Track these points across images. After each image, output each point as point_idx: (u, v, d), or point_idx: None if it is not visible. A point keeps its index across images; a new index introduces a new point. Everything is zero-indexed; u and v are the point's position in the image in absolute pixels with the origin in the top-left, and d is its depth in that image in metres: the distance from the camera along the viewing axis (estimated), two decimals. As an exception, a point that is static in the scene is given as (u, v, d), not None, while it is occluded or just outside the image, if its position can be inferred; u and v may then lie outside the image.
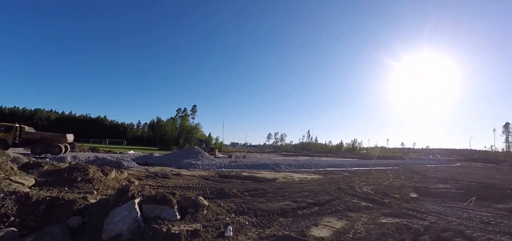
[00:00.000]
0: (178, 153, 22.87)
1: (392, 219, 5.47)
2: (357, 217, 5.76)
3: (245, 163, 21.03)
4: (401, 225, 4.72)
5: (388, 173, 19.22)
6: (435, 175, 18.46)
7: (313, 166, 22.29)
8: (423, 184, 12.66)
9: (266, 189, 9.01)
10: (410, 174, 19.34)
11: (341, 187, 10.31)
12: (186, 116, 71.31)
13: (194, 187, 9.39)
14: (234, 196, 7.57)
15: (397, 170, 23.58)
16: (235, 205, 6.46)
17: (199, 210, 5.29)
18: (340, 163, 28.88)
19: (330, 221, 5.37)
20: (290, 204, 6.68)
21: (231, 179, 11.76)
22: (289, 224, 5.10)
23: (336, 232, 4.56)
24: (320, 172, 17.84)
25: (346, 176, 15.31)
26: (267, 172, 16.13)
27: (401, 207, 7.04)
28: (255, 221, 5.27)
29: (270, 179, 12.04)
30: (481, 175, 20.91)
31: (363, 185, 11.59)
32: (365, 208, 6.84)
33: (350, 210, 6.47)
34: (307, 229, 4.69)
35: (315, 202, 7.06)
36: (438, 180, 15.02)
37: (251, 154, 45.71)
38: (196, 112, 75.06)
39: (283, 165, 20.50)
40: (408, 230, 4.44)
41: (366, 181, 13.09)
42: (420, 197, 9.33)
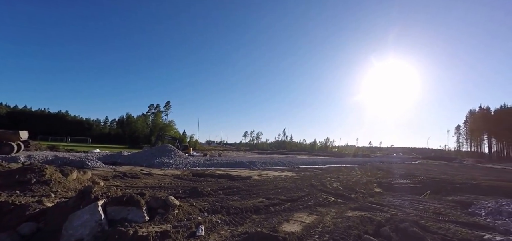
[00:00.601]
0: (150, 152, 21.90)
1: (357, 213, 5.82)
2: (327, 211, 6.03)
3: (220, 161, 20.83)
4: (365, 217, 5.05)
5: (357, 170, 20.38)
6: (397, 172, 20.01)
7: (287, 163, 22.81)
8: (387, 180, 13.65)
9: (241, 187, 9.03)
10: (376, 170, 20.71)
11: (313, 184, 10.69)
12: (159, 112, 68.44)
13: (166, 186, 9.07)
14: (208, 194, 7.47)
15: (364, 167, 25.11)
16: (208, 204, 6.38)
17: (169, 210, 5.13)
18: (313, 160, 29.93)
19: (301, 216, 5.55)
20: (263, 201, 6.77)
21: (205, 178, 11.58)
22: (262, 221, 5.17)
23: (306, 226, 4.73)
24: (294, 170, 18.32)
25: (318, 173, 15.91)
26: (242, 170, 16.15)
27: (366, 201, 7.52)
28: (228, 219, 5.26)
29: (245, 177, 12.08)
30: (435, 171, 23.10)
31: (333, 181, 12.15)
32: (334, 203, 7.19)
33: (320, 205, 6.75)
34: (279, 225, 4.80)
35: (287, 199, 7.25)
36: (400, 176, 16.32)
37: (227, 152, 45.41)
38: (170, 108, 72.46)
39: (258, 163, 20.67)
40: (371, 222, 4.76)
41: (336, 178, 13.74)
42: (383, 191, 10.04)
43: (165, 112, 70.95)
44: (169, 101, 73.11)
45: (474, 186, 12.35)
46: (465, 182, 13.86)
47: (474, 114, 75.33)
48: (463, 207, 7.42)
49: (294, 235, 4.13)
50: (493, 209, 6.91)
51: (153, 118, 66.26)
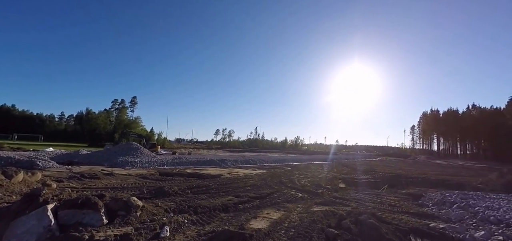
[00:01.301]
0: (112, 150, 20.43)
1: (322, 207, 6.10)
2: (294, 207, 6.22)
3: (190, 159, 20.26)
4: (329, 211, 5.32)
5: (324, 167, 21.39)
6: (360, 168, 21.45)
7: (258, 161, 23.04)
8: (350, 176, 14.55)
9: (210, 186, 8.88)
10: (341, 167, 21.95)
11: (282, 181, 10.95)
12: (124, 108, 64.15)
13: (129, 187, 8.55)
14: (175, 194, 7.21)
15: (331, 164, 26.45)
16: (175, 203, 6.16)
17: (131, 212, 4.84)
18: (283, 158, 30.65)
19: (269, 213, 5.64)
20: (232, 199, 6.74)
21: (173, 177, 11.16)
22: (230, 219, 5.15)
23: (273, 222, 4.83)
24: (264, 167, 18.57)
25: (287, 171, 16.34)
26: (213, 169, 15.92)
27: (331, 196, 7.93)
28: (195, 218, 5.13)
29: (215, 176, 11.91)
30: (393, 167, 25.25)
31: (301, 178, 12.58)
32: (301, 199, 7.45)
33: (288, 202, 6.94)
34: (247, 222, 4.82)
35: (256, 196, 7.32)
36: (362, 172, 17.51)
37: (197, 150, 44.36)
38: (136, 104, 68.45)
39: (229, 161, 20.55)
40: (334, 216, 5.03)
41: (304, 175, 14.25)
42: (347, 186, 10.68)
43: (131, 108, 66.90)
44: (135, 97, 69.06)
45: (424, 180, 13.77)
46: (417, 176, 15.38)
47: (426, 115, 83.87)
48: (414, 199, 8.21)
49: (261, 231, 4.19)
50: (438, 200, 7.77)
51: (117, 114, 61.91)
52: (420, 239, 4.54)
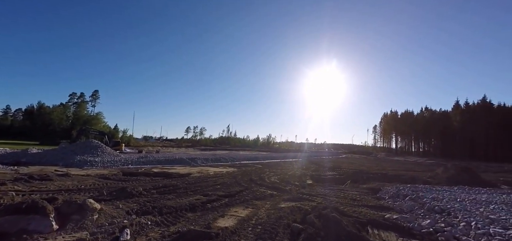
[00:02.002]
0: (69, 148, 18.66)
1: (289, 203, 6.29)
2: (262, 204, 6.30)
3: (158, 158, 19.36)
4: (295, 207, 5.49)
5: (294, 164, 22.04)
6: (327, 165, 22.54)
7: (230, 159, 22.91)
8: (318, 173, 15.21)
9: (178, 185, 8.59)
10: (309, 164, 22.82)
11: (252, 179, 11.03)
12: (83, 102, 58.74)
13: (87, 189, 7.89)
14: (139, 195, 6.83)
15: (300, 161, 27.36)
16: (138, 205, 5.85)
17: (87, 215, 4.47)
18: (255, 156, 30.89)
19: (237, 210, 5.64)
20: (200, 199, 6.61)
21: (138, 177, 10.57)
22: (197, 219, 5.03)
23: (241, 220, 4.84)
24: (236, 166, 18.53)
25: (258, 168, 16.52)
26: (182, 167, 15.43)
27: (299, 193, 8.21)
28: (160, 219, 4.92)
29: (184, 175, 11.56)
30: (356, 164, 26.97)
31: (272, 175, 12.81)
32: (270, 196, 7.58)
33: (257, 199, 7.02)
34: (214, 221, 4.76)
35: (226, 194, 7.27)
36: (328, 168, 18.42)
37: (166, 149, 42.62)
38: (98, 99, 63.21)
39: (200, 159, 20.11)
40: (300, 211, 5.21)
41: (275, 172, 14.53)
42: (314, 183, 11.14)
43: (92, 103, 61.59)
44: (97, 90, 63.67)
45: (382, 175, 14.94)
46: (376, 172, 16.63)
47: (386, 116, 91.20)
48: (373, 193, 8.87)
49: (228, 229, 4.17)
50: (393, 193, 8.49)
51: (75, 109, 56.50)
52: (376, 230, 4.91)
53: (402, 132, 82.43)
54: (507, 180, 15.33)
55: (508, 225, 5.13)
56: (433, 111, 74.66)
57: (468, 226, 5.07)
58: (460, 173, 13.39)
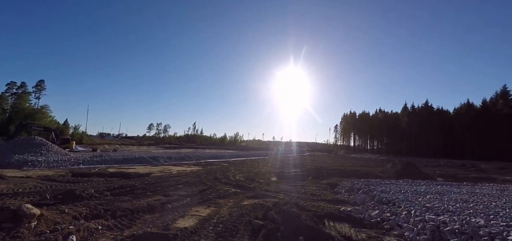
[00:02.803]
0: (5, 146, 16.21)
1: (252, 201, 6.36)
2: (225, 202, 6.26)
3: (115, 157, 17.93)
4: (258, 204, 5.58)
5: (260, 162, 22.36)
6: (291, 162, 23.36)
7: (195, 158, 22.31)
8: (282, 170, 15.66)
9: (136, 186, 8.07)
10: (275, 162, 23.39)
11: (217, 177, 10.90)
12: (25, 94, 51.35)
13: (26, 192, 6.94)
14: (89, 197, 6.25)
15: (266, 159, 27.90)
16: (88, 208, 5.34)
17: (23, 223, 3.93)
18: (221, 154, 30.60)
19: (198, 210, 5.52)
20: (160, 199, 6.30)
21: (90, 178, 9.67)
22: (155, 220, 4.79)
23: (202, 219, 4.74)
24: (201, 164, 18.11)
25: (224, 167, 16.38)
26: (142, 167, 14.55)
27: (262, 190, 8.35)
28: (113, 223, 4.57)
29: (144, 174, 10.91)
30: (318, 161, 28.46)
31: (237, 173, 12.81)
32: (234, 194, 7.57)
33: (220, 197, 6.95)
34: (173, 222, 4.58)
35: (188, 194, 7.05)
36: (292, 166, 19.11)
37: (125, 147, 39.70)
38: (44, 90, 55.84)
39: (162, 158, 19.18)
40: (262, 208, 5.31)
41: (240, 170, 14.56)
42: (278, 180, 11.45)
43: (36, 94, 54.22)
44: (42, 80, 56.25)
45: (341, 171, 16.02)
46: (336, 168, 17.77)
47: (346, 116, 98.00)
48: (331, 187, 9.46)
49: (187, 230, 4.05)
50: (349, 188, 9.17)
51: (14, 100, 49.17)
52: (332, 222, 5.24)
53: (359, 131, 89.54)
54: (441, 173, 17.69)
55: (440, 212, 5.92)
56: (385, 112, 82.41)
57: (408, 214, 5.72)
58: (405, 168, 15.05)
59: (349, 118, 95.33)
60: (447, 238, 4.30)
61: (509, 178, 16.77)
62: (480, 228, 4.58)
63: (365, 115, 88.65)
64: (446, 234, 4.40)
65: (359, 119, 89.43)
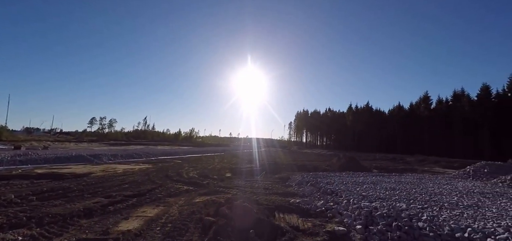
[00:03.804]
0: None
1: (204, 197, 6.25)
2: (175, 201, 6.01)
3: (45, 156, 15.45)
4: (210, 201, 5.50)
5: (215, 158, 22.09)
6: (247, 158, 23.71)
7: (145, 155, 20.81)
8: (237, 165, 15.77)
9: (70, 188, 7.11)
10: (231, 158, 23.41)
11: (168, 175, 10.37)
12: None
13: None
14: (7, 204, 5.28)
15: (222, 155, 27.71)
16: (5, 217, 4.50)
17: None
18: (175, 151, 29.22)
19: (145, 210, 5.17)
20: (100, 201, 5.69)
21: (10, 181, 8.14)
22: (93, 225, 4.31)
23: (149, 220, 4.46)
24: (151, 161, 16.98)
25: (177, 164, 15.68)
26: (80, 166, 12.90)
27: (216, 186, 8.27)
28: (38, 232, 3.95)
29: (81, 175, 9.69)
30: (273, 156, 29.53)
31: (191, 170, 12.41)
32: (185, 191, 7.31)
33: (171, 196, 6.64)
34: (115, 225, 4.19)
35: (134, 194, 6.54)
36: (248, 161, 19.41)
37: (59, 144, 34.60)
38: None
39: (106, 156, 17.34)
40: (214, 204, 5.26)
41: (194, 167, 14.14)
42: (233, 175, 11.49)
43: None
44: None
45: (293, 165, 16.93)
46: (288, 163, 18.69)
47: (299, 114, 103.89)
48: (283, 181, 9.92)
49: (131, 232, 3.76)
50: (299, 181, 9.76)
51: None
52: (282, 214, 5.51)
53: (311, 129, 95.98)
54: (377, 166, 20.21)
55: (373, 199, 6.76)
56: (334, 111, 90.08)
57: (348, 202, 6.37)
58: (348, 162, 16.73)
59: (302, 116, 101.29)
60: (377, 221, 4.92)
61: (427, 169, 20.14)
62: (402, 211, 5.38)
63: (316, 113, 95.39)
64: (377, 218, 5.03)
65: (311, 117, 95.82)
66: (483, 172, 13.04)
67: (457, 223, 4.74)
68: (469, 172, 13.53)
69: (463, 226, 4.49)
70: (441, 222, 4.85)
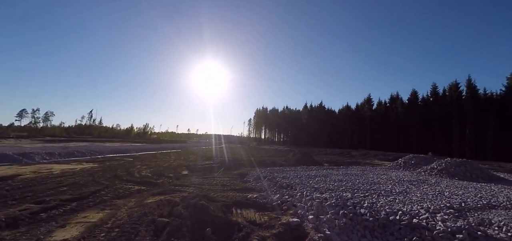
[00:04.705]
0: None
1: (158, 197, 5.90)
2: (124, 203, 5.54)
3: (-50, 156, 12.59)
4: (164, 201, 5.22)
5: (171, 156, 21.04)
6: (206, 155, 23.21)
7: (89, 153, 18.64)
8: (195, 163, 15.32)
9: (-13, 194, 5.95)
10: (188, 155, 22.60)
11: (117, 174, 9.50)
12: None
13: None
14: None
15: (179, 152, 26.57)
16: None
17: None
18: (125, 148, 26.93)
19: (88, 215, 4.64)
20: (29, 208, 4.90)
21: None
22: (18, 237, 3.68)
23: (91, 226, 4.02)
24: (97, 160, 15.30)
25: (128, 162, 14.47)
26: (3, 167, 10.89)
27: (171, 185, 7.89)
28: None
29: (4, 178, 8.19)
30: (232, 152, 29.52)
31: (143, 169, 11.59)
32: (137, 192, 6.80)
33: (119, 198, 6.10)
34: (48, 235, 3.66)
35: (74, 197, 5.80)
36: (206, 158, 19.01)
37: (-27, 142, 28.55)
38: None
39: (39, 155, 14.99)
40: (169, 204, 5.01)
41: (148, 165, 13.24)
42: (190, 173, 11.11)
43: None
44: None
45: (251, 161, 17.19)
46: (247, 159, 18.92)
47: (258, 111, 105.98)
48: (241, 177, 10.01)
49: (68, 241, 3.33)
50: (256, 176, 9.96)
51: None
52: (239, 209, 5.55)
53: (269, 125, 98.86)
54: (327, 160, 21.90)
55: (323, 191, 7.31)
56: (291, 109, 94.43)
57: (301, 195, 6.76)
58: (303, 157, 17.73)
59: (261, 113, 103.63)
60: (327, 211, 5.33)
61: (368, 162, 22.62)
62: (348, 200, 5.94)
63: (275, 111, 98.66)
64: (327, 208, 5.46)
65: (270, 115, 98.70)
66: (411, 163, 15.26)
67: (391, 208, 5.45)
68: (401, 163, 15.68)
69: (396, 210, 5.19)
70: (378, 207, 5.51)
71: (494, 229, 4.71)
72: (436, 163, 13.23)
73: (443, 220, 4.57)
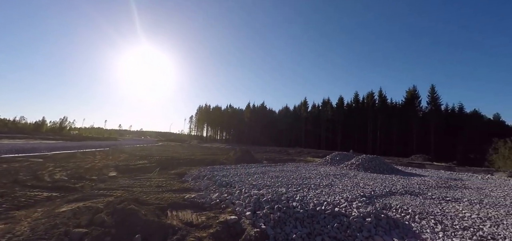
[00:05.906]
0: None
1: (75, 204, 5.04)
2: (28, 214, 4.53)
3: None
4: (83, 208, 4.50)
5: (97, 155, 18.33)
6: (140, 153, 21.13)
7: (-26, 154, 14.48)
8: (126, 162, 13.77)
9: None
10: (119, 154, 20.12)
11: (18, 179, 7.68)
12: None
13: None
14: None
15: (107, 151, 23.38)
16: None
17: None
18: (33, 147, 22.09)
19: (-33, 234, 3.60)
20: None
21: None
22: None
23: (-28, 247, 3.13)
24: (-13, 162, 12.00)
25: (36, 163, 11.88)
26: None
27: (94, 189, 6.88)
28: None
29: None
30: (171, 151, 27.79)
31: (57, 171, 9.74)
32: (46, 199, 5.65)
33: (20, 208, 4.95)
34: None
35: None
36: (140, 157, 17.32)
37: None
38: None
39: None
40: (88, 212, 4.34)
41: (64, 166, 11.19)
42: (119, 174, 9.92)
43: None
44: None
45: (191, 160, 16.56)
46: (186, 158, 18.14)
47: (201, 109, 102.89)
48: (179, 177, 9.52)
49: None
50: (195, 175, 9.65)
51: None
52: (175, 211, 5.26)
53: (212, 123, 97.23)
54: (266, 157, 23.00)
55: (261, 187, 7.64)
56: (234, 108, 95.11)
57: (240, 192, 6.89)
58: (243, 155, 18.11)
59: (204, 111, 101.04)
60: (263, 206, 5.58)
61: (302, 159, 24.80)
62: (282, 195, 6.36)
63: (218, 109, 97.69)
64: (263, 203, 5.71)
65: (212, 112, 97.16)
66: (336, 160, 17.50)
67: (319, 199, 6.11)
68: (328, 160, 17.79)
69: (322, 201, 5.84)
70: (308, 200, 6.10)
71: (393, 211, 5.84)
72: (355, 159, 15.54)
73: (358, 207, 5.40)
